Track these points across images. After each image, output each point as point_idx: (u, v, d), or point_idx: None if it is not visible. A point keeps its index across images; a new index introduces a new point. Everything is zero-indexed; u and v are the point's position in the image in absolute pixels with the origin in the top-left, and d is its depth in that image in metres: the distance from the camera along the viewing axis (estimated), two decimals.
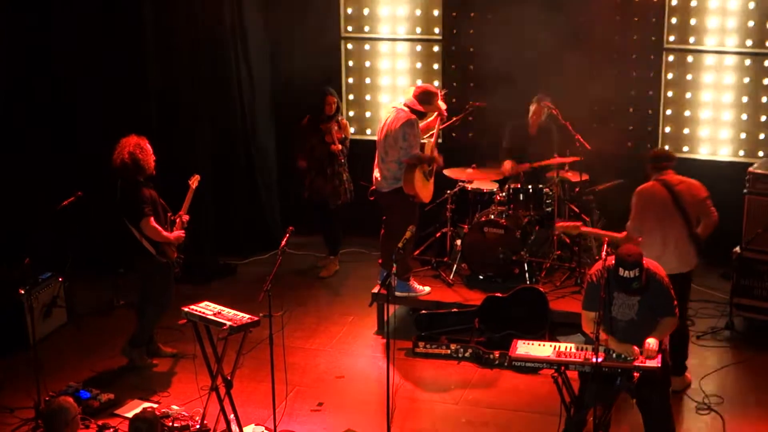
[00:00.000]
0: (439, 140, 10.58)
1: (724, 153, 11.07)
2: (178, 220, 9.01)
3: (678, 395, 8.29)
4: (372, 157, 9.85)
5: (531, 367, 7.30)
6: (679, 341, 8.29)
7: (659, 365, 6.90)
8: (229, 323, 7.68)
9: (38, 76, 10.91)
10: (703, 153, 11.12)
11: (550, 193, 10.36)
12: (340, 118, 11.04)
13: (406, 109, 9.51)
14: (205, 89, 11.40)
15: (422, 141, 9.73)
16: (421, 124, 9.82)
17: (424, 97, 9.56)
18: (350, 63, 12.11)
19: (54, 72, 10.97)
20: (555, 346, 7.18)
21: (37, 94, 10.93)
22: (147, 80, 11.13)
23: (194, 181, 9.20)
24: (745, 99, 10.93)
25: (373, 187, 9.78)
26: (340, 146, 10.83)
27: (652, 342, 6.95)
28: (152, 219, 8.71)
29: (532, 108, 10.71)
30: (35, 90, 10.92)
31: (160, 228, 8.77)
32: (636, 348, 6.97)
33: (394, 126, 9.47)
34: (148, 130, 9.19)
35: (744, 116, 10.98)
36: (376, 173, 9.71)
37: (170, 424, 7.94)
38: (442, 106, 9.83)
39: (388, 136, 9.50)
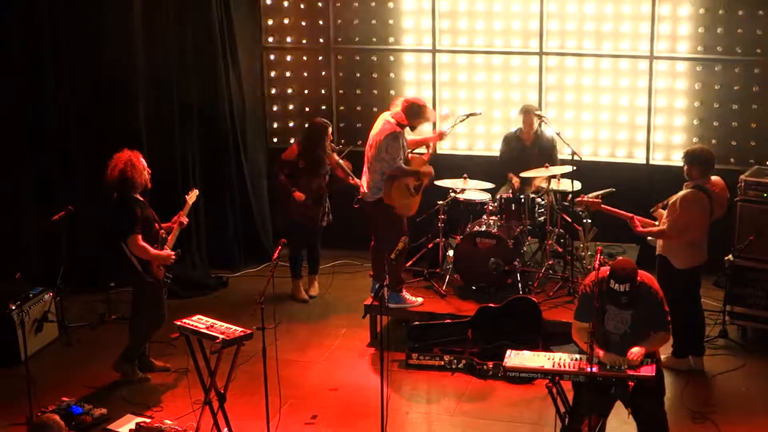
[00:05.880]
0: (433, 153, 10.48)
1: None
2: (175, 226, 8.93)
3: (672, 403, 8.27)
4: None
5: (525, 377, 7.26)
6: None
7: (653, 374, 6.89)
8: (221, 336, 7.66)
9: (32, 91, 10.84)
10: None
11: (543, 202, 10.36)
12: (336, 148, 10.83)
13: (392, 121, 9.49)
14: (196, 101, 11.38)
15: (411, 153, 9.70)
16: (413, 137, 9.79)
17: (411, 110, 9.48)
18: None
19: (48, 90, 10.87)
20: (549, 356, 7.16)
21: (30, 110, 10.87)
22: (138, 93, 11.07)
23: (192, 196, 9.13)
24: (735, 107, 10.95)
25: (360, 196, 9.76)
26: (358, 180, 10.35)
27: (635, 351, 6.93)
28: (140, 237, 8.62)
29: (521, 119, 10.75)
30: (28, 105, 10.86)
31: (147, 246, 8.67)
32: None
33: (378, 138, 9.47)
34: (139, 143, 9.16)
35: (734, 124, 11.00)
36: (363, 182, 9.70)
37: None
38: (444, 128, 9.77)
39: (373, 147, 9.51)
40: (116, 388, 8.98)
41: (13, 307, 9.30)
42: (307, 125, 10.89)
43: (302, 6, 11.98)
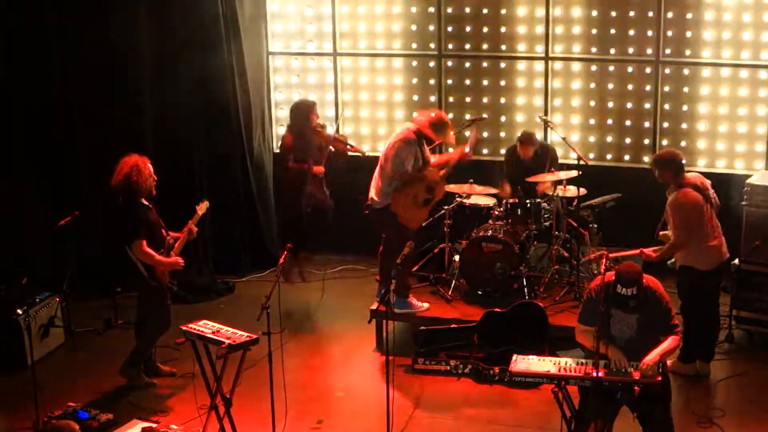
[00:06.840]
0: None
1: (721, 165, 11.07)
2: (183, 234, 8.92)
3: (678, 408, 8.25)
4: None
5: (531, 382, 7.28)
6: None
7: (659, 379, 6.88)
8: (227, 341, 7.67)
9: (36, 95, 10.88)
10: (701, 165, 11.10)
11: (548, 207, 10.36)
12: (324, 124, 11.03)
13: (411, 127, 9.46)
14: (201, 106, 11.39)
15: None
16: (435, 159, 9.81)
17: (437, 124, 9.43)
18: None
19: (53, 94, 10.92)
20: (555, 361, 7.15)
21: (35, 115, 10.90)
22: (143, 97, 11.10)
23: (202, 208, 9.11)
24: (742, 111, 10.94)
25: (368, 201, 9.75)
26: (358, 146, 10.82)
27: (648, 359, 6.91)
28: (144, 243, 8.61)
29: (519, 148, 10.72)
30: (33, 109, 10.89)
31: (152, 252, 8.67)
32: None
33: (393, 141, 9.47)
34: (145, 150, 9.16)
35: (741, 128, 10.99)
36: (373, 188, 9.66)
37: None
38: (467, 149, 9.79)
39: (387, 149, 9.50)
40: (122, 393, 8.99)
41: (20, 312, 9.31)
42: (291, 108, 11.01)
43: (308, 11, 11.99)
